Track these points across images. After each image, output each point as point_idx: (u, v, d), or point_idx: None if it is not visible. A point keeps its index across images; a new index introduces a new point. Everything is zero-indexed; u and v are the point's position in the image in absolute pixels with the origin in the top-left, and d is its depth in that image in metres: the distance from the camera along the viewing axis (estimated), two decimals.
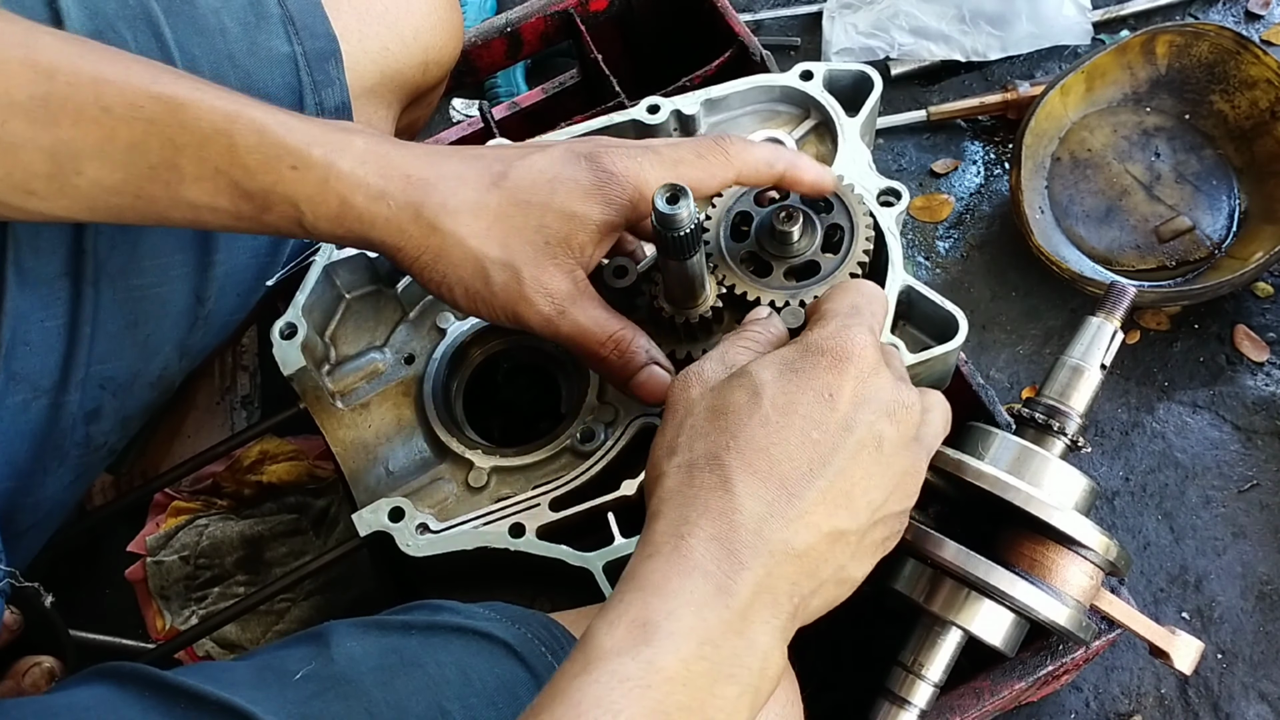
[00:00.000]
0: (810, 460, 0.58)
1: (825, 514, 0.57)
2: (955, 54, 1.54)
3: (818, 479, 0.58)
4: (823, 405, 0.59)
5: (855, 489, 0.59)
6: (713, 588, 0.54)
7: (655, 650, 0.51)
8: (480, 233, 0.70)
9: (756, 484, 0.57)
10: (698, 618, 0.52)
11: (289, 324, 0.85)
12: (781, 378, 0.60)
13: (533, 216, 0.71)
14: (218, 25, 0.83)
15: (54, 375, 0.78)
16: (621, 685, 0.50)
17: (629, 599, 0.54)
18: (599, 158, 0.72)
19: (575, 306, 0.73)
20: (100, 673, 0.68)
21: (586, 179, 0.71)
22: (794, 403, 0.59)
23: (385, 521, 0.79)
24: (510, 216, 0.71)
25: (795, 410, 0.59)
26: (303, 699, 0.64)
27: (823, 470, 0.58)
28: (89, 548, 1.29)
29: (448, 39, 0.96)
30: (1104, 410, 1.32)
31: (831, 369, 0.60)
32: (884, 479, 0.60)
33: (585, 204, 0.71)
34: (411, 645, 0.67)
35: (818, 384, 0.60)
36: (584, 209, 0.71)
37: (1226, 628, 1.19)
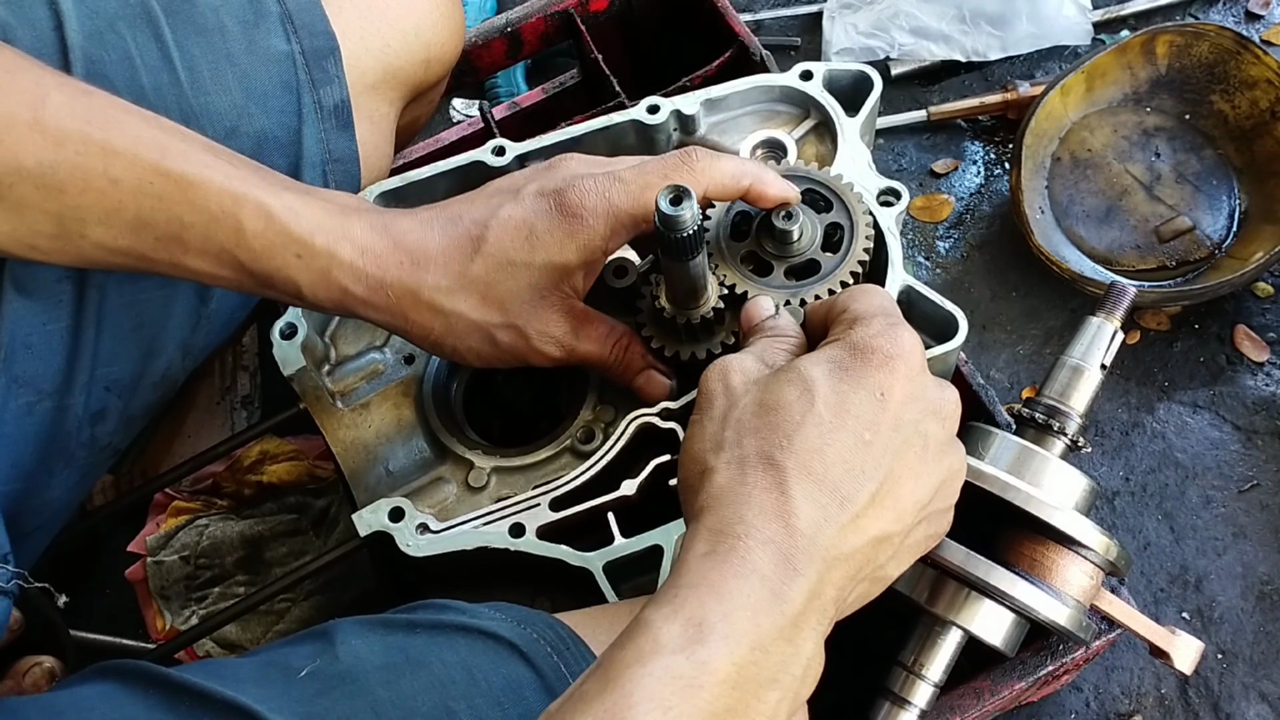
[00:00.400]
0: (864, 464, 0.58)
1: (874, 518, 0.58)
2: (955, 54, 1.54)
3: (869, 482, 0.58)
4: (875, 405, 0.59)
5: (903, 490, 0.59)
6: (768, 593, 0.54)
7: (710, 651, 0.51)
8: (477, 305, 0.74)
9: (812, 487, 0.57)
10: (752, 622, 0.53)
11: (289, 324, 0.85)
12: (833, 376, 0.60)
13: (520, 277, 0.74)
14: (217, 24, 0.83)
15: (57, 378, 0.78)
16: (675, 682, 0.50)
17: (684, 595, 0.54)
18: (566, 199, 0.74)
19: (579, 339, 0.77)
20: (104, 670, 0.68)
21: (559, 228, 0.74)
22: (847, 403, 0.59)
23: (385, 521, 0.79)
24: (500, 283, 0.74)
25: (849, 411, 0.59)
26: (308, 697, 0.64)
27: (875, 473, 0.58)
28: (89, 548, 1.29)
29: (449, 36, 0.96)
30: (1104, 410, 1.32)
31: (882, 367, 0.60)
32: (930, 478, 0.61)
33: (564, 253, 0.74)
34: (417, 644, 0.67)
35: (870, 383, 0.60)
36: (563, 258, 0.74)
37: (1227, 628, 1.19)
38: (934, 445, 0.61)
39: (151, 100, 0.80)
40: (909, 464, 0.59)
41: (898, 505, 0.59)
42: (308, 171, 0.86)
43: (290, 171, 0.85)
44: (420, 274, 0.73)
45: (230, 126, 0.83)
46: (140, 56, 0.80)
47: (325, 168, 0.88)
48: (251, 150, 0.84)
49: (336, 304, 0.73)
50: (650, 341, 0.82)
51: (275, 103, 0.84)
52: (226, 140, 0.82)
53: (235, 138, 0.83)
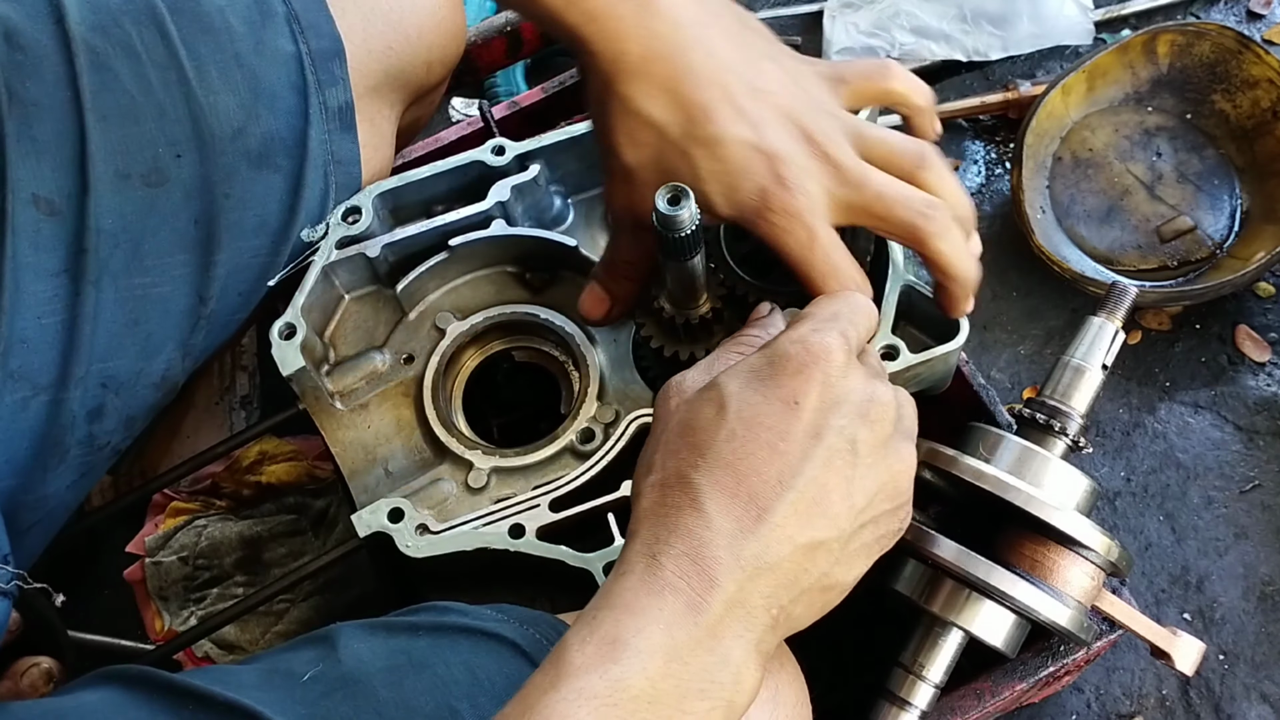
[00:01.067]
0: (779, 473, 0.57)
1: (799, 526, 0.57)
2: (956, 54, 1.54)
3: (788, 491, 0.57)
4: (788, 414, 0.58)
5: (831, 496, 0.58)
6: (683, 605, 0.53)
7: (623, 669, 0.51)
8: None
9: (727, 500, 0.56)
10: (667, 635, 0.52)
11: (288, 324, 0.85)
12: (747, 388, 0.59)
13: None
14: (223, 24, 0.83)
15: (53, 373, 0.78)
16: (588, 703, 0.50)
17: (601, 616, 0.54)
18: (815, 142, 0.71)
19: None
20: (106, 675, 0.68)
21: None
22: (758, 414, 0.58)
23: (385, 522, 0.79)
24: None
25: (760, 422, 0.58)
26: (311, 699, 0.64)
27: (793, 482, 0.57)
28: (88, 548, 1.29)
29: (451, 39, 0.96)
30: (1105, 410, 1.31)
31: (796, 374, 0.59)
32: (865, 483, 0.59)
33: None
34: (419, 646, 0.67)
35: (783, 392, 0.59)
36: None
37: (1228, 629, 1.18)
38: (865, 450, 0.59)
39: (160, 96, 0.80)
40: (837, 470, 0.58)
41: (828, 513, 0.58)
42: (311, 173, 0.86)
43: (294, 173, 0.85)
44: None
45: (238, 126, 0.83)
46: (146, 52, 0.80)
47: (328, 169, 0.88)
48: (258, 151, 0.84)
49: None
50: (650, 341, 0.82)
51: (283, 103, 0.84)
52: (233, 140, 0.82)
53: (243, 138, 0.83)
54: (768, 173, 0.68)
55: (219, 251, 0.84)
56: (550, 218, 0.94)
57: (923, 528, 0.76)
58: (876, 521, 0.61)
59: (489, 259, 0.92)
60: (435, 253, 0.89)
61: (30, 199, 0.75)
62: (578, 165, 0.94)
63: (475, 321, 0.90)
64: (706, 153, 0.69)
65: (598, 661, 0.51)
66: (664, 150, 0.70)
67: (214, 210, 0.82)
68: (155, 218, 0.80)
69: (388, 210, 0.91)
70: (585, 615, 0.55)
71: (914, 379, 0.81)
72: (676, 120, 0.69)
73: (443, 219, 0.89)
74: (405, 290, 0.90)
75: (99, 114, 0.78)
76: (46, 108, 0.77)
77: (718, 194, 0.70)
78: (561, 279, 0.92)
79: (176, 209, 0.81)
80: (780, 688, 0.66)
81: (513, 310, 0.91)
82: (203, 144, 0.81)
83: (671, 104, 0.68)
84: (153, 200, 0.80)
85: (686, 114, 0.68)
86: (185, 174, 0.81)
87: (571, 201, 0.96)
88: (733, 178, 0.69)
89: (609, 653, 0.51)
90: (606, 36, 0.68)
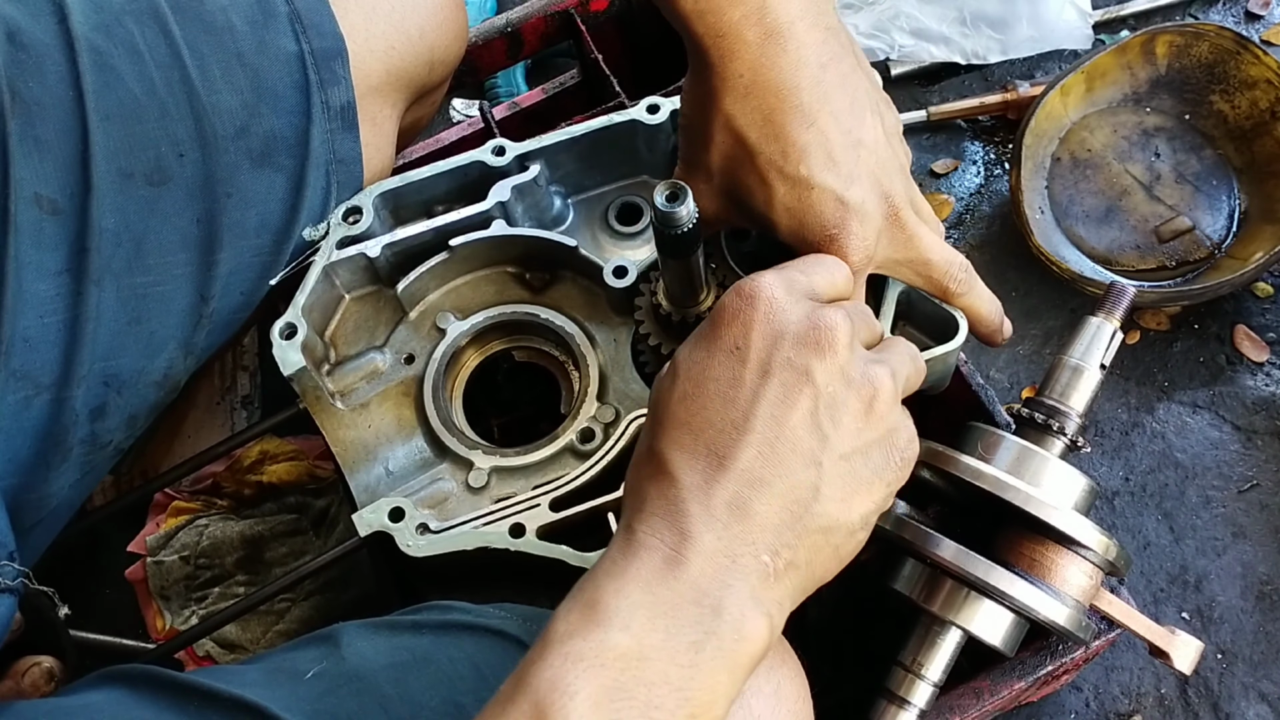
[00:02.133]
0: (731, 419, 0.57)
1: (766, 465, 0.56)
2: (955, 56, 1.54)
3: (746, 433, 0.56)
4: (731, 360, 0.58)
5: (796, 430, 0.57)
6: (660, 561, 0.54)
7: (606, 629, 0.51)
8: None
9: (687, 457, 0.57)
10: (646, 592, 0.53)
11: (289, 324, 0.85)
12: (695, 349, 0.60)
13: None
14: (225, 23, 0.83)
15: (55, 371, 0.78)
16: (576, 665, 0.50)
17: (583, 584, 0.55)
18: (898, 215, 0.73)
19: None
20: (110, 675, 0.68)
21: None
22: (705, 370, 0.58)
23: (385, 521, 0.79)
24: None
25: (707, 376, 0.58)
26: (315, 696, 0.64)
27: (748, 424, 0.56)
28: (89, 547, 1.29)
29: (453, 38, 0.96)
30: (1104, 410, 1.32)
31: (734, 321, 0.59)
32: (832, 410, 0.58)
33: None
34: (423, 643, 0.67)
35: (723, 342, 0.59)
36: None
37: (1226, 628, 1.19)
38: (821, 377, 0.58)
39: (163, 95, 0.80)
40: (795, 403, 0.57)
41: (797, 448, 0.57)
42: (313, 172, 0.86)
43: (296, 172, 0.86)
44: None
45: (241, 125, 0.83)
46: (149, 52, 0.80)
47: (329, 169, 0.88)
48: (261, 150, 0.84)
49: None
50: (649, 339, 0.82)
51: (286, 103, 0.84)
52: (237, 139, 0.83)
53: (245, 137, 0.83)
54: (839, 223, 0.69)
55: (221, 250, 0.84)
56: (550, 218, 0.95)
57: (922, 527, 0.76)
58: (866, 453, 0.60)
59: (489, 259, 0.92)
60: (436, 253, 0.90)
61: (33, 198, 0.76)
62: (578, 166, 0.94)
63: (476, 321, 0.90)
64: (789, 189, 0.69)
65: (581, 626, 0.52)
66: (748, 171, 0.71)
67: (216, 209, 0.83)
68: (157, 217, 0.81)
69: (388, 210, 0.91)
70: (572, 592, 0.55)
71: None
72: (770, 151, 0.69)
73: (443, 219, 0.90)
74: (406, 290, 0.90)
75: (102, 113, 0.78)
76: (49, 107, 0.77)
77: (784, 224, 0.71)
78: (561, 279, 0.92)
79: (179, 208, 0.81)
80: (782, 683, 0.66)
81: (513, 310, 0.91)
82: (205, 143, 0.82)
83: (770, 134, 0.69)
84: (155, 199, 0.80)
85: (781, 148, 0.69)
86: (187, 173, 0.81)
87: (571, 202, 0.96)
88: (805, 216, 0.70)
89: (591, 616, 0.52)
90: (726, 55, 0.68)
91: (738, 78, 0.68)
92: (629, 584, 0.53)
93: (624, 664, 0.50)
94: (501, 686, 0.52)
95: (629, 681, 0.50)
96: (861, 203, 0.70)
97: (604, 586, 0.53)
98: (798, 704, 0.66)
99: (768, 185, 0.70)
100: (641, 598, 0.52)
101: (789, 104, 0.68)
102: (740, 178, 0.71)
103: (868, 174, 0.70)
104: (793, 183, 0.69)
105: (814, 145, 0.69)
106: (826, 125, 0.69)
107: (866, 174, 0.70)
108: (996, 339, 0.81)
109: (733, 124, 0.70)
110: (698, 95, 0.72)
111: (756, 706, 0.63)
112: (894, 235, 0.72)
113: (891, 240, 0.72)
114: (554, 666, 0.50)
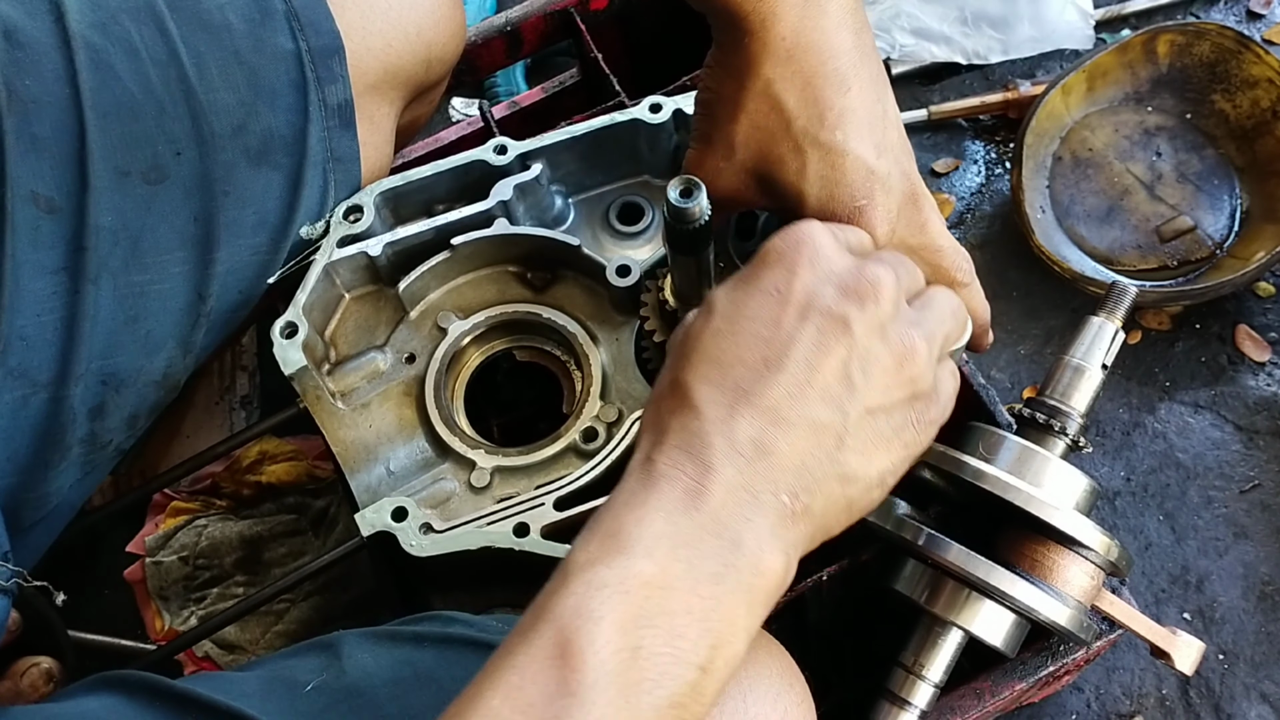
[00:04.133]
0: (764, 357, 0.57)
1: (793, 406, 0.56)
2: (956, 56, 1.54)
3: (777, 373, 0.56)
4: (771, 302, 0.58)
5: (826, 376, 0.57)
6: (681, 492, 0.53)
7: (629, 557, 0.51)
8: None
9: (713, 391, 0.56)
10: (669, 523, 0.52)
11: (289, 323, 0.85)
12: (733, 290, 0.60)
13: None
14: (222, 21, 0.83)
15: (52, 370, 0.77)
16: (599, 592, 0.50)
17: (601, 517, 0.54)
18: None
19: None
20: (107, 681, 0.67)
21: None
22: (741, 309, 0.58)
23: (388, 521, 0.79)
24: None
25: (743, 314, 0.58)
26: (314, 711, 0.63)
27: (781, 363, 0.56)
28: (88, 548, 1.29)
29: (450, 36, 0.96)
30: (1105, 410, 1.31)
31: (778, 264, 0.59)
32: (865, 362, 0.58)
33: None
34: (425, 658, 0.67)
35: (765, 284, 0.59)
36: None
37: (1228, 628, 1.18)
38: (861, 329, 0.58)
39: (160, 93, 0.80)
40: (829, 350, 0.57)
41: (826, 393, 0.56)
42: (310, 170, 0.86)
43: (293, 171, 0.85)
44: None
45: (238, 124, 0.83)
46: (146, 49, 0.80)
47: (327, 167, 0.88)
48: (258, 148, 0.84)
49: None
50: (654, 335, 0.82)
51: (283, 101, 0.84)
52: (234, 137, 0.82)
53: (243, 135, 0.83)
54: (868, 193, 0.69)
55: (218, 249, 0.84)
56: (552, 217, 0.94)
57: (923, 527, 0.76)
58: (890, 411, 0.59)
59: (491, 258, 0.92)
60: (437, 252, 0.89)
61: (29, 196, 0.75)
62: (579, 165, 0.94)
63: (477, 321, 0.90)
64: (822, 156, 0.69)
65: (603, 554, 0.51)
66: (780, 140, 0.69)
67: (213, 207, 0.82)
68: (154, 215, 0.80)
69: (389, 209, 0.91)
70: (586, 525, 0.54)
71: None
72: (807, 115, 0.68)
73: (444, 218, 0.89)
74: (407, 289, 0.90)
75: (98, 111, 0.78)
76: (46, 105, 0.76)
77: (813, 195, 0.70)
78: (563, 278, 0.92)
79: (176, 206, 0.81)
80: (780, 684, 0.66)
81: (515, 309, 0.91)
82: (202, 141, 0.81)
83: (807, 98, 0.68)
84: (152, 197, 0.80)
85: (819, 112, 0.68)
86: (185, 171, 0.81)
87: (573, 201, 0.96)
88: (837, 188, 0.69)
89: (613, 545, 0.52)
90: (768, 19, 0.67)
91: (780, 41, 0.67)
92: (651, 513, 0.52)
93: (648, 592, 0.50)
94: (522, 618, 0.51)
95: (653, 610, 0.50)
96: (888, 175, 0.69)
97: (624, 517, 0.53)
98: (797, 703, 0.66)
99: (801, 153, 0.69)
100: (664, 527, 0.52)
101: (829, 67, 0.68)
102: (770, 148, 0.70)
103: (892, 147, 0.70)
104: (826, 150, 0.68)
105: (849, 111, 0.68)
106: (860, 91, 0.69)
107: (891, 147, 0.70)
108: (985, 340, 0.81)
109: (771, 90, 0.68)
110: (731, 65, 0.70)
111: (754, 707, 0.63)
112: (911, 217, 0.72)
113: (908, 223, 0.72)
114: (577, 594, 0.50)
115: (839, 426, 0.57)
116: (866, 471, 0.59)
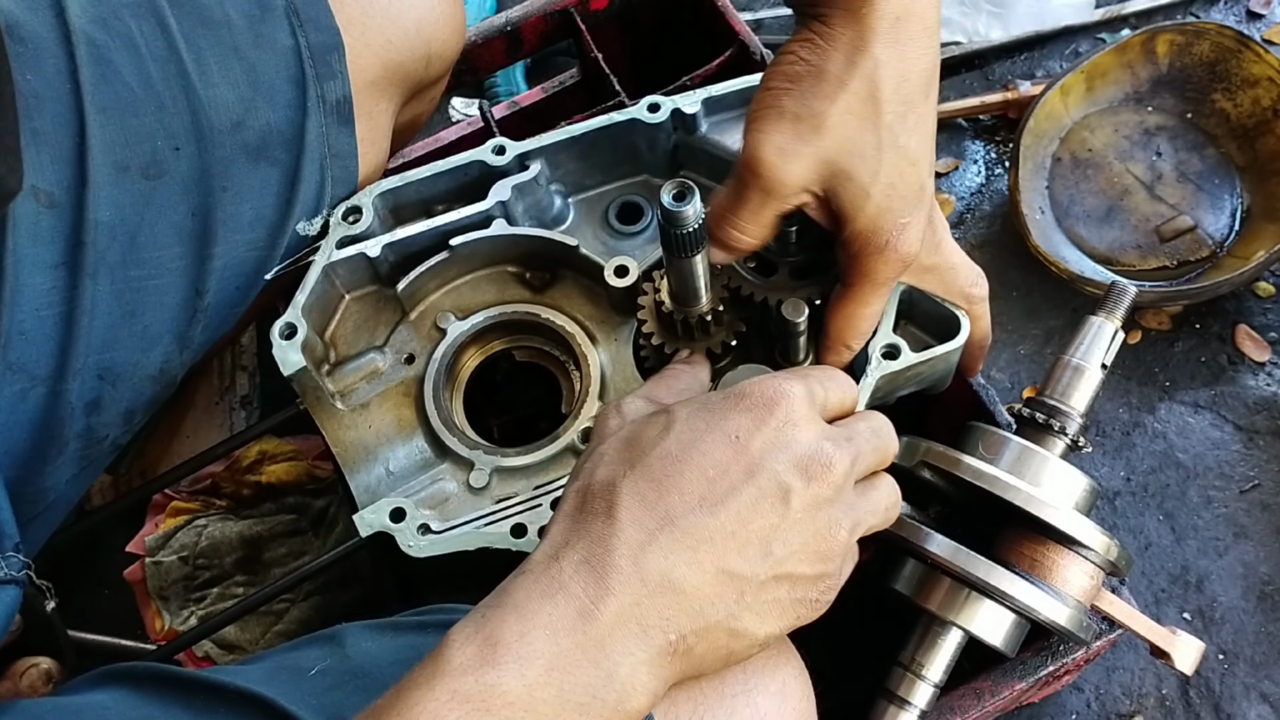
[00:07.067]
0: (702, 496, 0.56)
1: (712, 552, 0.56)
2: (956, 35, 1.53)
3: (709, 516, 0.56)
4: (727, 447, 0.58)
5: (752, 535, 0.57)
6: (573, 611, 0.53)
7: (500, 673, 0.50)
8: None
9: (642, 512, 0.56)
10: (550, 642, 0.52)
11: (288, 324, 0.85)
12: (695, 415, 0.60)
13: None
14: (222, 17, 0.83)
15: (50, 364, 0.78)
16: (461, 705, 0.49)
17: (488, 615, 0.53)
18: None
19: None
20: (113, 674, 0.68)
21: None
22: (699, 440, 0.58)
23: (387, 522, 0.79)
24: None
25: (698, 447, 0.58)
26: (320, 690, 0.64)
27: (716, 509, 0.56)
28: (88, 548, 1.29)
29: (450, 33, 0.96)
30: (1105, 410, 1.31)
31: (747, 412, 0.59)
32: (789, 533, 0.58)
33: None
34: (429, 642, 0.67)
35: (728, 425, 0.59)
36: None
37: (1228, 628, 1.18)
38: (796, 500, 0.58)
39: (159, 89, 0.80)
40: (763, 512, 0.57)
41: (745, 549, 0.56)
42: (308, 166, 0.86)
43: (291, 166, 0.86)
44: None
45: (237, 119, 0.83)
46: (146, 45, 0.80)
47: (324, 163, 0.88)
48: (257, 144, 0.84)
49: None
50: (650, 338, 0.82)
51: (282, 97, 0.84)
52: (233, 133, 0.83)
53: (241, 130, 0.83)
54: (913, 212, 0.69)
55: (215, 244, 0.84)
56: (551, 217, 0.94)
57: (922, 527, 0.76)
58: (794, 581, 0.59)
59: (490, 259, 0.92)
60: (436, 252, 0.89)
61: (30, 191, 0.75)
62: (578, 165, 0.94)
63: (476, 321, 0.90)
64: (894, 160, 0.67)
65: (476, 663, 0.51)
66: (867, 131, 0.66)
67: (211, 203, 0.82)
68: (153, 210, 0.81)
69: (388, 210, 0.91)
70: (475, 611, 0.54)
71: (915, 378, 0.81)
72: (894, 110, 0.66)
73: (443, 218, 0.89)
74: (406, 290, 0.90)
75: (98, 106, 0.78)
76: (46, 100, 0.77)
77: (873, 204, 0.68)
78: (562, 279, 0.92)
79: (174, 202, 0.81)
80: (787, 681, 0.66)
81: (513, 310, 0.91)
82: (201, 137, 0.81)
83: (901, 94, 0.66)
84: (150, 193, 0.80)
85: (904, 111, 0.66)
86: (183, 167, 0.81)
87: (572, 201, 0.96)
88: (894, 199, 0.68)
89: (489, 655, 0.51)
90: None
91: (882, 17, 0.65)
92: (536, 629, 0.52)
93: (509, 713, 0.50)
94: (382, 698, 0.51)
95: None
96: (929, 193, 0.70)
97: (508, 624, 0.52)
98: (802, 701, 0.66)
99: (880, 152, 0.67)
100: (545, 647, 0.52)
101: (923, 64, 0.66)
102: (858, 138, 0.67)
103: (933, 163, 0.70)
104: (900, 154, 0.67)
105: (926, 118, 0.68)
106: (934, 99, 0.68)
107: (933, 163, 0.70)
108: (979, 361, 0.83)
109: (877, 74, 0.65)
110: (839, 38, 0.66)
111: (763, 704, 0.63)
112: (928, 237, 0.72)
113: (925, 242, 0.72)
114: (438, 700, 0.49)
115: (745, 584, 0.57)
116: (755, 631, 0.59)
